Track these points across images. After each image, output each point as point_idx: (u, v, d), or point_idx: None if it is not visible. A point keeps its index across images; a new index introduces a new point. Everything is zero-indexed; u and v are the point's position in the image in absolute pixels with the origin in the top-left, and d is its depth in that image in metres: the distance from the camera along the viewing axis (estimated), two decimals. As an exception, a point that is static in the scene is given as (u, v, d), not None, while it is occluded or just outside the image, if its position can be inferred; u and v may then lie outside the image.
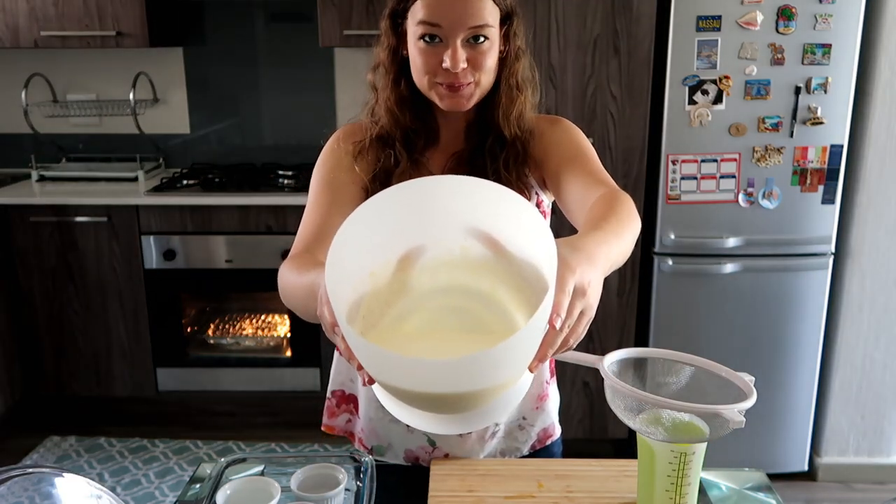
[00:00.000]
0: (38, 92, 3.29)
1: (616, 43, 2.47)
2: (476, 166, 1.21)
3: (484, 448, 1.30)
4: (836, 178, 2.48)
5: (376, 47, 1.23)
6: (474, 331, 0.87)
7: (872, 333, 2.64)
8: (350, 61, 3.26)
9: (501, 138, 1.22)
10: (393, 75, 1.21)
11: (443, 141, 1.26)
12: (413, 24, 1.13)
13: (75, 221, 2.91)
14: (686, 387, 1.04)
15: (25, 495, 0.83)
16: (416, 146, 1.22)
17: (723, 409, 0.91)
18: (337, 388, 1.38)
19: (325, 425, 1.41)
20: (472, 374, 0.74)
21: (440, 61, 1.12)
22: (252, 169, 3.25)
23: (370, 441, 1.33)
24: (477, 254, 0.88)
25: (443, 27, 1.11)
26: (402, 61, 1.20)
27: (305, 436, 3.04)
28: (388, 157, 1.21)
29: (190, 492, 1.15)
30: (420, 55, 1.14)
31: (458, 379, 0.74)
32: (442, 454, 1.29)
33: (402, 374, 0.76)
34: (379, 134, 1.23)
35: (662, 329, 2.63)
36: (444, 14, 1.10)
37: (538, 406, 1.33)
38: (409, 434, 1.29)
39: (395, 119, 1.22)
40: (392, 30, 1.19)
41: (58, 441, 3.01)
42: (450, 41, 1.11)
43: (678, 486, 0.99)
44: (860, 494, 2.71)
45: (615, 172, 2.55)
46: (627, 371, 1.05)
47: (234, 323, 3.22)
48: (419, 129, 1.23)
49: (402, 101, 1.21)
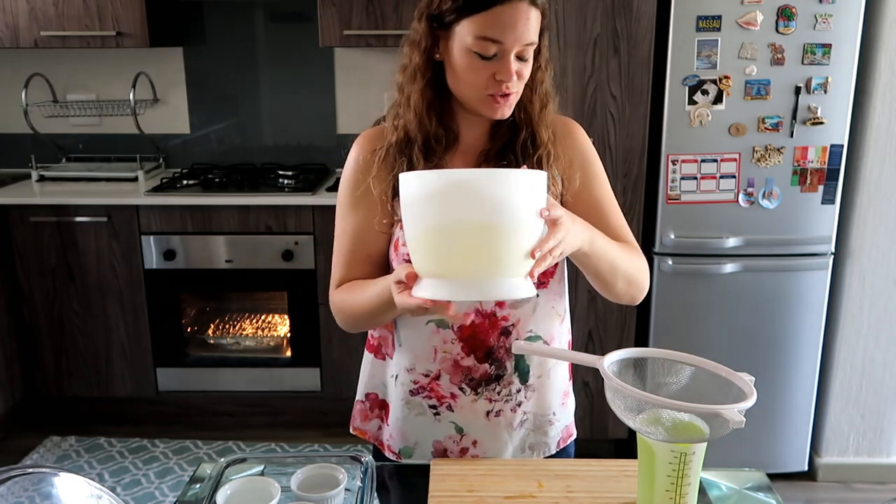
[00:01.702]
0: (38, 92, 3.29)
1: (616, 43, 2.47)
2: (503, 163, 1.24)
3: (512, 437, 1.31)
4: (836, 178, 2.48)
5: (408, 48, 1.21)
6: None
7: (872, 333, 2.64)
8: (350, 61, 3.26)
9: (534, 137, 1.24)
10: (427, 80, 1.20)
11: (463, 143, 1.27)
12: (466, 36, 1.12)
13: (75, 221, 2.91)
14: (686, 387, 1.04)
15: (25, 495, 0.83)
16: (436, 151, 1.23)
17: (722, 410, 0.91)
18: (371, 391, 1.38)
19: (356, 429, 1.41)
20: (498, 192, 0.96)
21: (492, 74, 1.14)
22: (252, 169, 3.26)
23: (398, 445, 1.34)
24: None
25: (503, 44, 1.12)
26: (435, 65, 1.20)
27: (305, 436, 3.04)
28: (401, 165, 1.22)
29: (190, 492, 1.15)
30: (472, 68, 1.15)
31: (490, 196, 0.96)
32: (470, 442, 1.29)
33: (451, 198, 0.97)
34: (398, 139, 1.23)
35: (662, 329, 2.62)
36: (506, 32, 1.11)
37: (563, 402, 1.36)
38: (437, 423, 1.29)
39: (421, 123, 1.21)
40: (429, 32, 1.17)
41: (58, 441, 3.01)
42: (504, 56, 1.13)
43: (678, 487, 0.99)
44: (860, 494, 2.71)
45: (615, 172, 2.55)
46: (627, 371, 1.05)
47: (234, 323, 3.22)
48: (442, 133, 1.23)
49: (430, 106, 1.21)
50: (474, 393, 1.27)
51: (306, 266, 2.92)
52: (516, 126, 1.25)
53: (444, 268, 0.99)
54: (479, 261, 0.98)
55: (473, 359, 1.25)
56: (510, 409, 1.29)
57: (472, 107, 1.20)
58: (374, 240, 1.26)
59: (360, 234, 1.26)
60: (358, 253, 1.26)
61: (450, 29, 1.15)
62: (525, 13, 1.12)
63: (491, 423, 1.29)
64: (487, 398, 1.27)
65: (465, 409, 1.28)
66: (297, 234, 2.90)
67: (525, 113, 1.24)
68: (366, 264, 1.27)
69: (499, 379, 1.27)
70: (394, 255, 1.25)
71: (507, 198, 0.97)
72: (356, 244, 1.26)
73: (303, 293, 2.96)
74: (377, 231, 1.25)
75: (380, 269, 1.28)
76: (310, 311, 2.98)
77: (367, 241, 1.26)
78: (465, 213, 0.96)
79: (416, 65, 1.20)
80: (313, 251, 2.91)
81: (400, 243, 1.23)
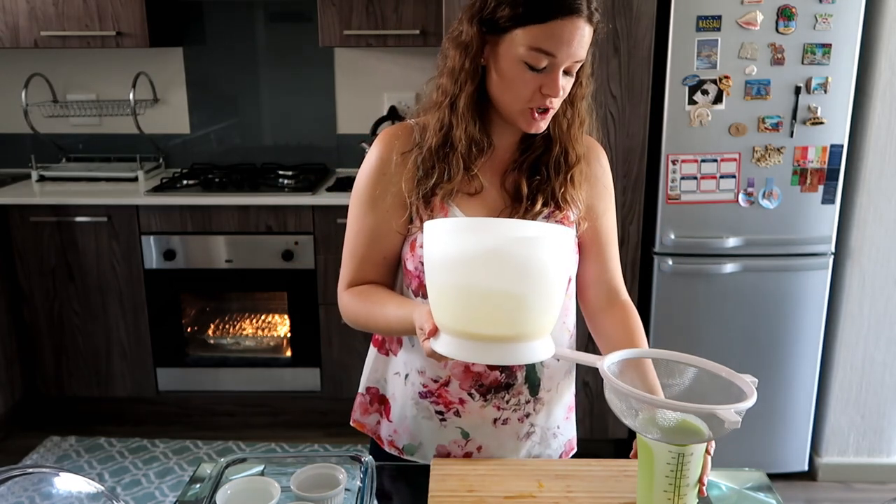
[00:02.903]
0: (38, 92, 3.29)
1: (616, 43, 2.47)
2: (535, 177, 1.24)
3: (517, 447, 1.31)
4: (836, 178, 2.48)
5: (453, 49, 1.17)
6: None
7: (872, 333, 2.64)
8: (350, 61, 3.26)
9: (566, 154, 1.24)
10: (475, 85, 1.17)
11: (496, 151, 1.25)
12: (520, 46, 1.10)
13: (75, 221, 2.91)
14: (688, 387, 1.04)
15: (25, 495, 0.83)
16: (475, 159, 1.21)
17: (719, 410, 0.91)
18: (372, 385, 1.37)
19: (355, 421, 1.41)
20: (529, 260, 0.95)
21: (538, 87, 1.12)
22: (252, 169, 3.26)
23: (402, 441, 1.33)
24: None
25: (556, 58, 1.10)
26: (481, 71, 1.17)
27: (305, 436, 3.04)
28: (442, 171, 1.20)
29: (190, 492, 1.15)
30: (519, 78, 1.13)
31: (519, 262, 0.94)
32: (475, 447, 1.29)
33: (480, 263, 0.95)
34: (437, 143, 1.20)
35: (662, 329, 2.62)
36: (561, 47, 1.10)
37: (568, 416, 1.37)
38: (443, 428, 1.29)
39: (467, 130, 1.19)
40: (479, 36, 1.14)
41: (58, 441, 3.01)
42: (554, 70, 1.12)
43: (677, 487, 0.99)
44: (860, 494, 2.71)
45: (615, 172, 2.54)
46: (627, 371, 1.05)
47: (234, 323, 3.22)
48: (482, 139, 1.21)
49: (475, 113, 1.19)
50: (483, 399, 1.26)
51: (306, 266, 2.92)
52: (550, 139, 1.24)
53: (466, 327, 0.97)
54: (503, 326, 0.96)
55: (484, 365, 1.24)
56: (517, 418, 1.29)
57: (508, 116, 1.18)
58: (391, 241, 1.24)
59: (378, 234, 1.24)
60: (373, 255, 1.25)
61: (502, 35, 1.12)
62: (581, 29, 1.10)
63: (497, 430, 1.28)
64: (496, 405, 1.27)
65: (472, 414, 1.27)
66: (297, 234, 2.90)
67: (560, 128, 1.23)
68: (380, 266, 1.26)
69: (508, 388, 1.26)
70: (409, 255, 1.23)
71: (535, 264, 0.95)
72: (372, 245, 1.25)
73: (303, 293, 2.97)
74: (395, 231, 1.23)
75: (392, 270, 1.27)
76: (310, 311, 2.98)
77: (383, 243, 1.24)
78: (492, 279, 0.94)
79: (465, 69, 1.16)
80: (313, 251, 2.91)
81: (417, 244, 1.22)
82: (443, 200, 1.20)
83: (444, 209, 1.21)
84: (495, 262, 0.94)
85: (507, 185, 1.25)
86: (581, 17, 1.10)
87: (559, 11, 1.08)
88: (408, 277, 1.26)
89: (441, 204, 1.20)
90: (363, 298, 1.23)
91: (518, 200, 1.23)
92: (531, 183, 1.23)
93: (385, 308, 1.19)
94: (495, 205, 1.23)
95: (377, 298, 1.21)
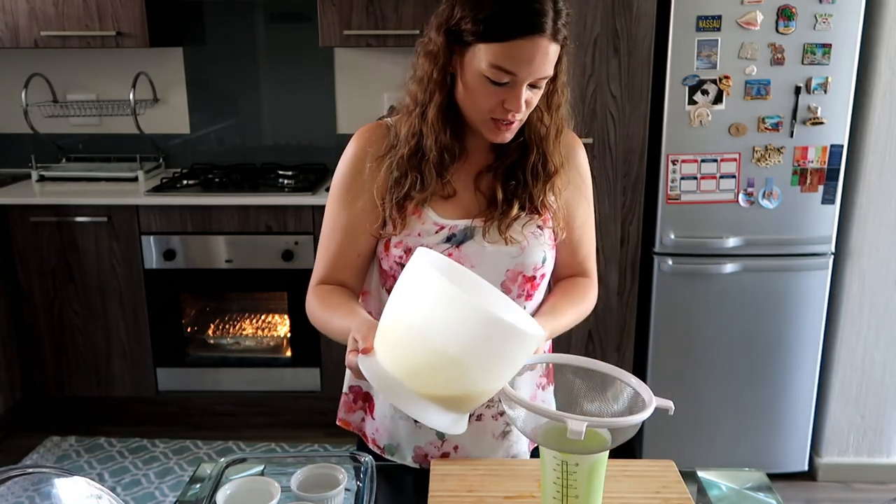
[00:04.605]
0: (38, 92, 3.29)
1: (616, 43, 2.47)
2: (511, 182, 1.23)
3: (496, 447, 1.30)
4: (836, 178, 2.48)
5: (423, 58, 1.18)
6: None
7: (872, 333, 2.64)
8: (350, 61, 3.26)
9: (545, 160, 1.23)
10: (444, 94, 1.17)
11: (470, 157, 1.25)
12: (482, 61, 1.10)
13: (75, 221, 2.91)
14: (608, 395, 1.03)
15: (25, 495, 0.83)
16: (447, 166, 1.21)
17: (569, 418, 0.88)
18: (354, 384, 1.38)
19: (340, 419, 1.41)
20: (481, 334, 0.90)
21: (501, 101, 1.12)
22: (252, 169, 3.25)
23: (383, 440, 1.34)
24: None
25: (517, 76, 1.10)
26: (451, 80, 1.17)
27: (305, 436, 3.04)
28: (415, 179, 1.20)
29: (190, 492, 1.15)
30: (483, 93, 1.13)
31: (470, 334, 0.90)
32: (451, 447, 1.29)
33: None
34: (410, 152, 1.20)
35: (662, 329, 2.62)
36: (521, 66, 1.09)
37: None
38: (418, 430, 1.29)
39: (437, 139, 1.19)
40: (447, 46, 1.14)
41: (58, 441, 3.01)
42: (517, 86, 1.11)
43: (563, 497, 0.97)
44: (860, 494, 2.71)
45: (615, 172, 2.55)
46: (579, 378, 1.04)
47: (234, 323, 3.22)
48: (454, 146, 1.21)
49: (446, 121, 1.19)
50: None
51: (306, 266, 2.92)
52: (526, 146, 1.23)
53: (400, 369, 0.94)
54: (436, 387, 0.93)
55: None
56: (492, 416, 1.29)
57: (473, 125, 1.19)
58: (364, 241, 1.25)
59: (351, 233, 1.24)
60: (347, 252, 1.25)
61: (466, 48, 1.12)
62: (544, 49, 1.09)
63: (472, 429, 1.26)
64: None
65: None
66: (296, 234, 2.90)
67: (537, 135, 1.22)
68: (353, 264, 1.26)
69: None
70: (384, 255, 1.24)
71: (501, 349, 0.91)
72: (346, 243, 1.25)
73: (303, 293, 2.92)
74: (368, 233, 1.24)
75: (365, 268, 1.27)
76: (310, 311, 2.98)
77: (357, 241, 1.25)
78: (451, 340, 0.90)
79: (434, 79, 1.16)
80: (313, 251, 2.91)
81: (391, 244, 1.22)
82: (417, 206, 1.21)
83: (417, 212, 1.21)
84: (467, 326, 0.90)
85: (481, 187, 1.25)
86: (544, 37, 1.08)
87: (520, 31, 1.07)
88: (383, 277, 1.27)
89: (415, 208, 1.21)
90: (321, 300, 1.23)
91: (493, 204, 1.23)
92: (507, 187, 1.23)
93: (335, 312, 1.18)
94: (470, 207, 1.24)
95: (333, 306, 1.20)
